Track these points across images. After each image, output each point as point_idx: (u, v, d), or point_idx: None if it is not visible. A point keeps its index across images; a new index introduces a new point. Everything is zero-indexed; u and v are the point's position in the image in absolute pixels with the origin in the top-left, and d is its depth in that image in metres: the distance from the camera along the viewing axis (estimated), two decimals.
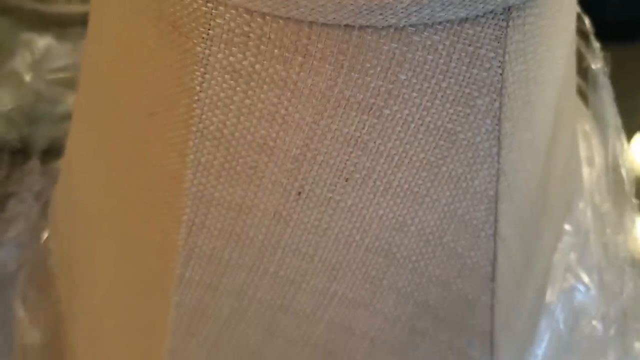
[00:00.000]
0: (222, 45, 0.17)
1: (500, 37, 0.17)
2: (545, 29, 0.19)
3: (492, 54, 0.17)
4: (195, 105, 0.18)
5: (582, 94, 0.26)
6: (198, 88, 0.17)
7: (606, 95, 0.25)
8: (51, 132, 0.34)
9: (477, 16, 0.16)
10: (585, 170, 0.26)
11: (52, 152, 0.34)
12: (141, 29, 0.19)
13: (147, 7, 0.18)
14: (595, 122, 0.26)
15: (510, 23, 0.17)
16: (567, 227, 0.26)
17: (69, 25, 0.52)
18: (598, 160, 0.26)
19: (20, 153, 0.34)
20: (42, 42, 0.34)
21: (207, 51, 0.17)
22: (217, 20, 0.16)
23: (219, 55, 0.17)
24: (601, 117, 0.26)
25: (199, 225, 0.20)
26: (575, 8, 0.24)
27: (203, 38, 0.17)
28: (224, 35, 0.16)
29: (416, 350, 0.22)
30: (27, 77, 0.33)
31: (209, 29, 0.16)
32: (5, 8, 0.52)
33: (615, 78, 0.25)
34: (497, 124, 0.18)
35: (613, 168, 0.27)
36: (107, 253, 0.25)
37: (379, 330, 0.22)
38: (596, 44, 0.25)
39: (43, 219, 0.32)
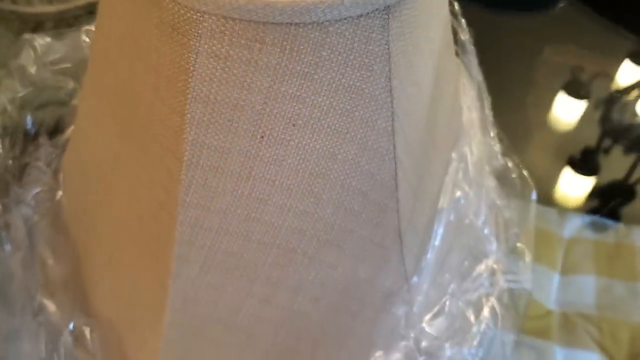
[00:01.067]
0: (207, 39, 0.26)
1: (385, 25, 0.26)
2: (418, 17, 0.28)
3: (380, 36, 0.26)
4: (190, 80, 0.27)
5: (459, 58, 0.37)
6: (192, 68, 0.26)
7: (472, 58, 0.35)
8: (56, 112, 0.42)
9: (368, 13, 0.25)
10: (466, 114, 0.36)
11: (58, 128, 0.42)
12: (146, 29, 0.28)
13: (150, 15, 0.27)
14: (469, 78, 0.36)
15: (390, 15, 0.26)
16: (454, 155, 0.36)
17: (44, 23, 0.60)
18: (473, 106, 0.36)
19: (31, 132, 0.42)
20: (42, 40, 0.42)
21: (197, 44, 0.26)
22: (204, 24, 0.25)
23: (205, 46, 0.26)
24: (470, 74, 0.36)
25: (195, 163, 0.29)
26: (446, 6, 0.33)
27: (194, 35, 0.26)
28: (208, 33, 0.25)
29: (347, 243, 0.32)
30: (32, 70, 0.41)
31: (198, 30, 0.25)
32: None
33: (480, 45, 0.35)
34: (388, 82, 0.28)
35: (482, 111, 0.38)
36: (119, 195, 0.34)
37: (322, 231, 0.31)
38: (463, 21, 0.35)
39: (55, 181, 0.41)
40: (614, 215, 0.72)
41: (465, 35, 0.36)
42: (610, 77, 0.87)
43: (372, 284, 0.33)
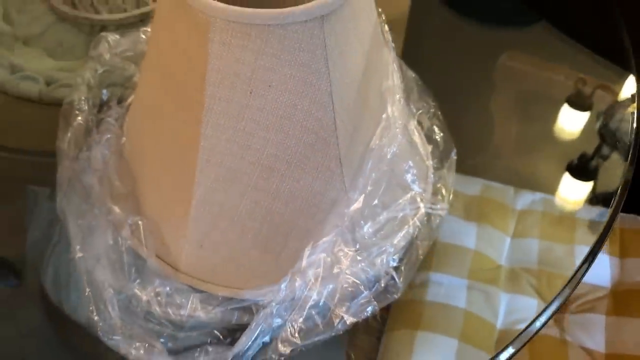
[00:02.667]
0: (218, 33, 0.44)
1: (321, 26, 0.45)
2: (346, 21, 0.47)
3: (318, 32, 0.45)
4: (208, 57, 0.45)
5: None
6: (209, 50, 0.45)
7: (392, 49, 0.54)
8: (121, 89, 0.62)
9: (310, 19, 0.44)
10: (390, 83, 0.54)
11: (122, 97, 0.62)
12: (181, 26, 0.47)
13: (183, 17, 0.46)
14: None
15: (325, 21, 0.45)
16: (383, 116, 0.54)
17: (107, 27, 0.80)
18: (397, 78, 0.55)
19: (105, 99, 0.62)
20: (113, 37, 0.62)
21: (212, 35, 0.45)
22: (216, 24, 0.44)
23: (217, 36, 0.45)
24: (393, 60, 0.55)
25: (210, 109, 0.47)
26: (373, 9, 0.52)
27: (210, 30, 0.44)
28: (218, 29, 0.44)
29: (306, 165, 0.50)
30: (107, 57, 0.61)
31: (212, 27, 0.44)
32: (66, 17, 0.80)
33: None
34: (326, 61, 0.46)
35: (409, 91, 0.56)
36: (163, 135, 0.53)
37: (290, 156, 0.49)
38: (385, 26, 0.54)
39: (120, 131, 0.60)
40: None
41: (388, 36, 0.55)
42: (612, 90, 0.97)
43: (323, 194, 0.51)
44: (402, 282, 0.54)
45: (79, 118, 0.57)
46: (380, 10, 0.55)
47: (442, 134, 0.63)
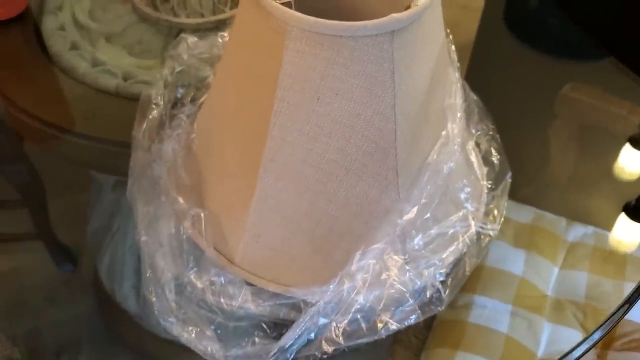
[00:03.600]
0: (292, 40, 0.47)
1: (390, 41, 0.47)
2: (415, 37, 0.49)
3: (387, 46, 0.47)
4: (282, 62, 0.48)
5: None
6: (283, 56, 0.48)
7: (456, 68, 0.56)
8: (196, 85, 0.66)
9: (380, 33, 0.46)
10: (452, 100, 0.56)
11: (196, 96, 0.65)
12: (259, 32, 0.50)
13: (262, 24, 0.49)
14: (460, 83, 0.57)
15: (395, 36, 0.47)
16: (443, 132, 0.56)
17: (184, 30, 0.84)
18: (459, 97, 0.56)
19: (179, 96, 0.65)
20: (192, 39, 0.65)
21: (287, 42, 0.48)
22: (291, 32, 0.47)
23: (291, 44, 0.48)
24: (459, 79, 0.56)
25: (278, 112, 0.50)
26: (442, 28, 0.54)
27: (286, 37, 0.47)
28: (293, 37, 0.47)
29: (364, 172, 0.52)
30: (185, 57, 0.65)
31: (289, 34, 0.47)
32: (147, 18, 0.85)
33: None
34: (392, 74, 0.48)
35: (470, 114, 0.58)
36: (232, 134, 0.56)
37: (349, 163, 0.51)
38: (452, 47, 0.56)
39: (191, 127, 0.64)
40: None
41: (453, 56, 0.57)
42: None
43: (377, 202, 0.54)
44: (447, 295, 0.55)
45: (155, 112, 0.61)
46: (448, 31, 0.57)
47: (499, 157, 0.64)
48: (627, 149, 0.94)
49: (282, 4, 0.48)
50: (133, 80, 0.79)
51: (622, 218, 0.87)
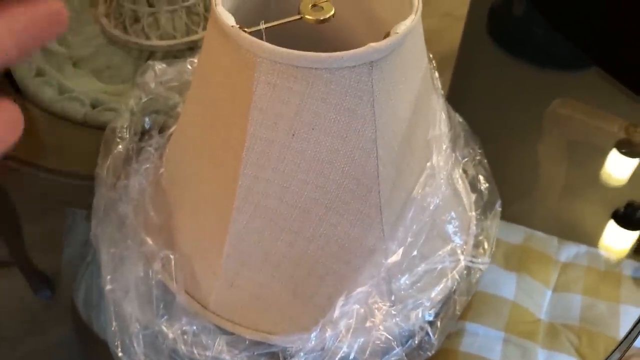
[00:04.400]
0: (264, 73, 0.44)
1: (369, 72, 0.43)
2: (395, 67, 0.45)
3: (366, 78, 0.44)
4: (252, 96, 0.45)
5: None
6: (254, 89, 0.44)
7: (440, 96, 0.53)
8: (164, 116, 0.62)
9: (359, 64, 0.43)
10: (437, 132, 0.53)
11: (164, 126, 0.61)
12: (229, 64, 0.46)
13: (232, 57, 0.45)
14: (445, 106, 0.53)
15: (374, 66, 0.43)
16: (428, 164, 0.53)
17: (155, 53, 0.80)
18: (444, 126, 0.53)
19: (147, 127, 0.61)
20: (160, 66, 0.61)
21: (258, 75, 0.44)
22: (262, 64, 0.43)
23: (262, 77, 0.44)
24: (441, 108, 0.53)
25: (251, 148, 0.46)
26: (424, 54, 0.50)
27: (257, 70, 0.44)
28: (264, 70, 0.43)
29: (345, 210, 0.48)
30: (152, 85, 0.61)
31: (259, 67, 0.43)
32: (117, 40, 0.81)
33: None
34: (372, 107, 0.45)
35: (455, 138, 0.55)
36: (202, 170, 0.52)
37: (328, 200, 0.48)
38: (435, 72, 0.53)
39: (160, 161, 0.60)
40: None
41: (437, 83, 0.53)
42: None
43: (360, 241, 0.50)
44: (436, 338, 0.51)
45: (120, 146, 0.57)
46: (431, 56, 0.53)
47: (487, 185, 0.60)
48: (614, 156, 0.93)
49: (251, 32, 0.44)
50: (102, 108, 0.75)
51: (612, 225, 0.85)
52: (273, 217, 0.49)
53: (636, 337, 0.68)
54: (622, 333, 0.76)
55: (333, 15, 0.47)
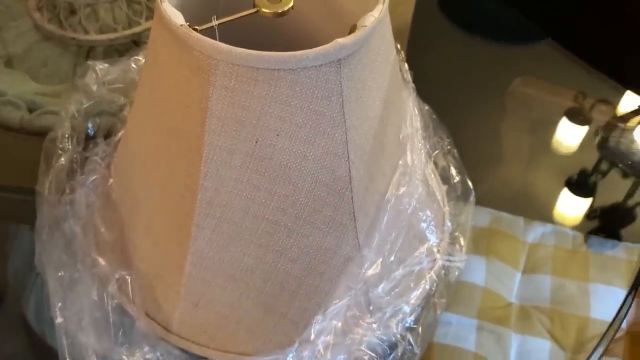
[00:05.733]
0: (220, 77, 0.39)
1: (338, 71, 0.39)
2: (364, 64, 0.41)
3: (334, 78, 0.39)
4: (209, 102, 0.40)
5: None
6: (210, 95, 0.40)
7: (411, 89, 0.49)
8: (109, 120, 0.56)
9: (325, 63, 0.39)
10: (408, 130, 0.49)
11: (110, 132, 0.56)
12: (181, 67, 0.41)
13: (184, 58, 0.41)
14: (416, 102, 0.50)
15: (342, 64, 0.39)
16: (401, 162, 0.49)
17: (96, 48, 0.74)
18: (416, 125, 0.49)
19: (91, 134, 0.56)
20: (101, 65, 0.56)
21: (214, 79, 0.39)
22: (219, 67, 0.39)
23: (219, 81, 0.39)
24: (413, 102, 0.49)
25: (210, 159, 0.42)
26: (393, 47, 0.47)
27: (212, 74, 0.39)
28: (221, 73, 0.39)
29: (316, 219, 0.45)
30: (94, 87, 0.55)
31: (215, 70, 0.39)
32: (52, 36, 0.74)
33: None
34: (342, 108, 0.41)
35: (424, 128, 0.51)
36: (155, 181, 0.47)
37: (298, 210, 0.44)
38: (405, 65, 0.49)
39: (107, 171, 0.54)
40: (614, 236, 0.82)
41: (407, 76, 0.50)
42: (612, 104, 0.96)
43: (334, 251, 0.46)
44: (419, 346, 0.48)
45: (62, 159, 0.51)
46: (398, 46, 0.50)
47: (459, 177, 0.57)
48: (564, 122, 0.93)
49: (202, 31, 0.40)
50: (40, 112, 0.69)
51: (565, 192, 0.85)
52: (238, 232, 0.45)
53: (621, 322, 0.67)
54: (593, 313, 0.76)
55: (292, 7, 0.42)
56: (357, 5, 0.44)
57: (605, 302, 0.77)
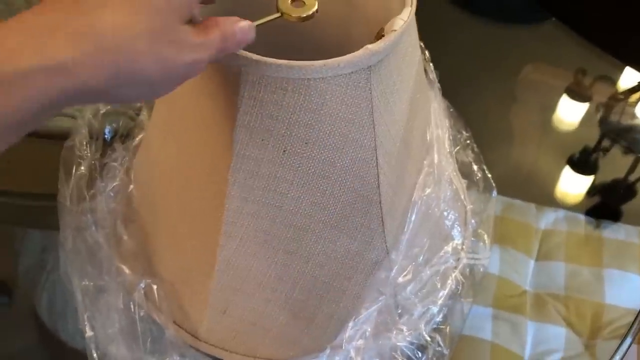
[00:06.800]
0: (248, 87, 0.38)
1: (368, 78, 0.39)
2: (393, 69, 0.41)
3: (364, 85, 0.39)
4: (237, 113, 0.39)
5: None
6: (238, 105, 0.39)
7: (437, 91, 0.48)
8: (126, 124, 0.56)
9: (356, 70, 0.38)
10: (435, 131, 0.49)
11: (128, 136, 0.55)
12: (209, 75, 0.40)
13: (211, 66, 0.40)
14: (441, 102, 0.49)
15: (372, 71, 0.39)
16: (426, 162, 0.49)
17: None
18: (441, 124, 0.49)
19: (108, 139, 0.55)
20: None
21: (242, 90, 0.39)
22: (247, 77, 0.38)
23: (247, 92, 0.39)
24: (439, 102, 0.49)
25: (238, 168, 0.41)
26: (418, 48, 0.46)
27: (240, 83, 0.38)
28: (249, 83, 0.38)
29: (344, 225, 0.44)
30: None
31: (243, 80, 0.38)
32: None
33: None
34: (371, 114, 0.40)
35: (449, 129, 0.51)
36: (180, 188, 0.47)
37: (326, 216, 0.43)
38: (431, 65, 0.48)
39: (127, 177, 0.54)
40: (615, 212, 0.83)
41: (432, 75, 0.49)
42: (613, 81, 0.96)
43: (362, 256, 0.46)
44: (447, 346, 0.48)
45: (82, 167, 0.50)
46: (422, 45, 0.49)
47: (481, 174, 0.57)
48: (565, 100, 0.94)
49: None
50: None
51: (567, 170, 0.86)
52: (266, 239, 0.44)
53: None
54: (608, 299, 0.76)
55: (317, 11, 0.41)
56: (380, 6, 0.43)
57: (620, 288, 0.77)
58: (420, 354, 0.46)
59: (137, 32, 0.27)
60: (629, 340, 0.76)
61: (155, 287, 0.48)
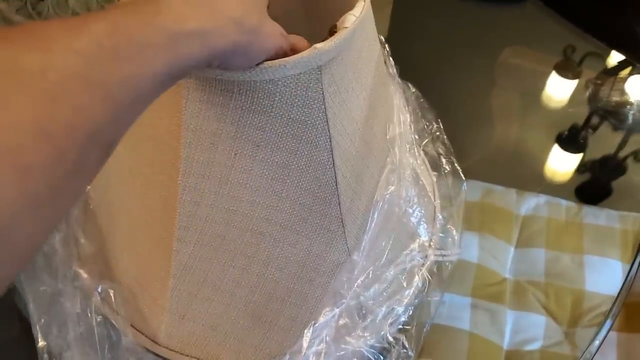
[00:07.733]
0: (193, 90, 0.37)
1: (318, 78, 0.37)
2: (346, 67, 0.39)
3: (315, 85, 0.37)
4: (182, 116, 0.38)
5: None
6: (184, 108, 0.37)
7: (397, 86, 0.47)
8: None
9: (305, 71, 0.36)
10: (397, 128, 0.47)
11: None
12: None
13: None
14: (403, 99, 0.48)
15: (322, 71, 0.37)
16: (388, 159, 0.47)
17: None
18: (404, 120, 0.47)
19: None
20: None
21: (186, 92, 0.37)
22: (191, 80, 0.36)
23: (192, 94, 0.37)
24: (402, 94, 0.47)
25: (188, 172, 0.40)
26: (377, 42, 0.44)
27: (185, 87, 0.37)
28: (194, 86, 0.37)
29: (303, 227, 0.43)
30: None
31: (187, 84, 0.36)
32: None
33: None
34: (324, 114, 0.39)
35: (414, 124, 0.49)
36: (134, 193, 0.45)
37: (283, 219, 0.42)
38: (390, 59, 0.46)
39: None
40: (605, 190, 0.82)
41: (393, 70, 0.47)
42: (602, 57, 0.96)
43: (323, 258, 0.44)
44: (413, 347, 0.47)
45: None
46: (382, 39, 0.47)
47: (449, 167, 0.55)
48: (554, 77, 0.93)
49: None
50: None
51: (556, 149, 0.85)
52: (221, 243, 0.43)
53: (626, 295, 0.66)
54: (588, 286, 0.75)
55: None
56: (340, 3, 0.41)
57: (599, 274, 0.76)
58: (382, 358, 0.45)
59: (249, 11, 0.32)
60: (606, 327, 0.75)
61: (112, 291, 0.47)
